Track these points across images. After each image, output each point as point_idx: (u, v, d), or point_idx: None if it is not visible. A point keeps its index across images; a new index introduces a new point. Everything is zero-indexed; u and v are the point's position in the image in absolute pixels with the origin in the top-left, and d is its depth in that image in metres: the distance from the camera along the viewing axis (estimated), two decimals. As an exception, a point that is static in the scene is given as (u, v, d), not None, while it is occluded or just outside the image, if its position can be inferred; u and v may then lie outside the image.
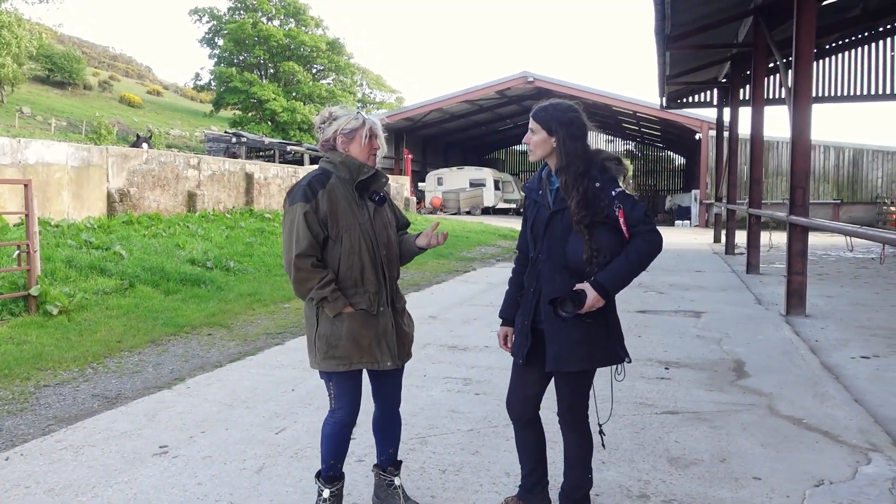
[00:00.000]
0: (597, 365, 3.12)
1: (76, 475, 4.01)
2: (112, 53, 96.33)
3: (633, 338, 7.72)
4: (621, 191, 3.05)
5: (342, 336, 3.30)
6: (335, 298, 3.26)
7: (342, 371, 3.34)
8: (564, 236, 3.07)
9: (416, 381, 5.97)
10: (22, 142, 12.40)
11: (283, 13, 57.53)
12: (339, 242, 3.30)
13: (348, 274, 3.30)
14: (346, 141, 3.37)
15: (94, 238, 11.55)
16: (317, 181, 3.33)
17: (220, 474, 4.03)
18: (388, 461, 3.63)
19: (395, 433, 3.65)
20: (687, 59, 17.00)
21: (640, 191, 52.52)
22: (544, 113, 3.16)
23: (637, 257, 2.99)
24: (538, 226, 3.21)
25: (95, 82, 70.72)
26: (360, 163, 3.34)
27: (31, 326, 7.53)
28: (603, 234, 3.00)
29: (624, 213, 3.00)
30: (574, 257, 3.04)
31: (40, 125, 50.66)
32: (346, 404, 3.39)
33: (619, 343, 3.18)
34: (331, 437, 3.41)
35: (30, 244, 7.92)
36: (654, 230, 3.04)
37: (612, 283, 2.99)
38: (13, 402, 5.38)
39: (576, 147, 3.07)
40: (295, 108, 53.35)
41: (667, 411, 5.22)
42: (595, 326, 3.08)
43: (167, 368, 6.45)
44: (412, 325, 3.61)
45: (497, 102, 38.76)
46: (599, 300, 2.99)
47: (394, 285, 3.45)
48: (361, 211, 3.33)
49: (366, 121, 3.38)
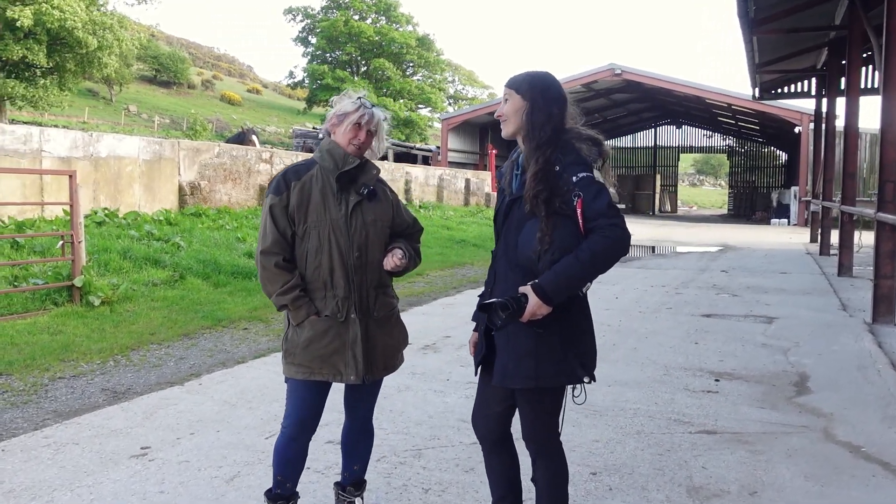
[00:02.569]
0: (543, 383, 2.61)
1: (44, 476, 3.82)
2: (216, 53, 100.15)
3: (689, 344, 7.07)
4: (586, 176, 2.53)
5: (300, 344, 2.98)
6: (297, 307, 2.95)
7: (300, 379, 3.00)
8: (520, 227, 2.61)
9: (436, 386, 5.59)
10: (94, 135, 12.72)
11: (374, 10, 58.11)
12: (306, 239, 2.96)
13: (316, 275, 2.96)
14: (335, 124, 3.04)
15: (157, 230, 11.70)
16: (293, 172, 3.03)
17: (188, 482, 3.77)
18: (349, 480, 3.25)
19: (362, 449, 3.28)
20: (778, 44, 15.82)
21: (736, 188, 50.19)
22: (516, 78, 2.71)
23: (589, 256, 2.46)
24: (499, 215, 2.76)
25: (199, 81, 73.56)
26: (343, 152, 2.98)
27: (71, 316, 7.57)
28: (558, 225, 2.50)
29: (583, 202, 2.48)
30: (523, 250, 2.56)
31: (145, 122, 53.07)
32: (293, 415, 3.04)
33: (580, 358, 2.65)
34: (277, 451, 3.08)
35: (74, 235, 7.98)
36: (617, 225, 2.48)
37: (555, 286, 2.48)
38: (21, 394, 5.32)
39: (548, 110, 2.61)
40: (385, 105, 53.72)
41: (703, 430, 4.63)
42: (546, 337, 2.58)
43: (188, 363, 6.30)
44: (399, 337, 3.21)
45: (584, 96, 37.66)
46: (542, 307, 2.49)
47: (369, 291, 3.03)
48: (338, 206, 2.96)
49: (360, 108, 3.00)
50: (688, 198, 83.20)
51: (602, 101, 39.63)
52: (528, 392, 2.66)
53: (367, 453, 3.30)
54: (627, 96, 39.75)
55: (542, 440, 2.74)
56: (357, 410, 3.22)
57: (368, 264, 3.00)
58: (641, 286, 11.30)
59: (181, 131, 47.84)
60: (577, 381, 2.68)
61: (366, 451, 3.28)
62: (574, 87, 34.93)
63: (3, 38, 27.11)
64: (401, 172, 25.95)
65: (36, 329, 7.05)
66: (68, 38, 28.08)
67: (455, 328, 7.69)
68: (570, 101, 2.73)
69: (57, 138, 12.31)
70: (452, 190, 29.29)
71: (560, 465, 2.80)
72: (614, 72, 32.70)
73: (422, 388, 5.52)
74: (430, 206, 25.55)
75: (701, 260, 16.17)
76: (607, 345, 7.01)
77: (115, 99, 56.25)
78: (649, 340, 7.26)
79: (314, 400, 3.04)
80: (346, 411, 3.23)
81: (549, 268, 2.48)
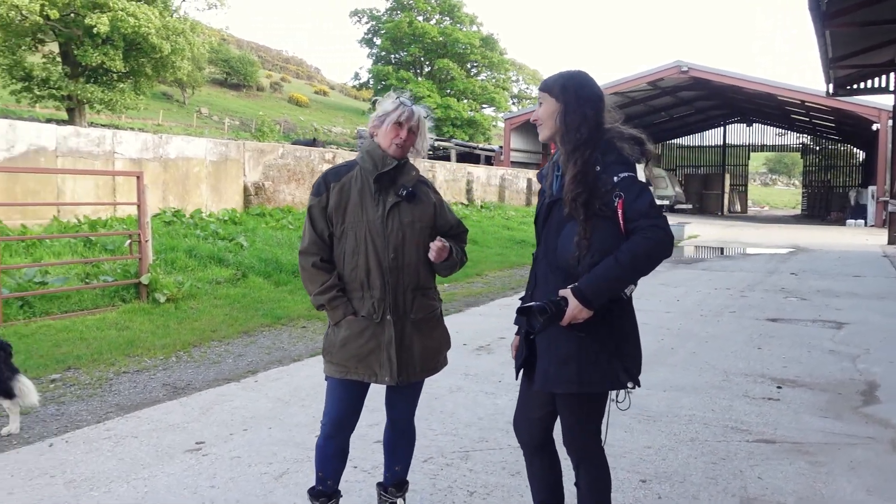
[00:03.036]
0: (586, 389, 2.56)
1: (103, 467, 3.96)
2: (285, 56, 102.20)
3: (751, 349, 6.86)
4: (628, 176, 2.47)
5: (336, 343, 3.01)
6: (334, 307, 2.98)
7: (337, 378, 3.02)
8: (560, 229, 2.56)
9: (488, 387, 5.57)
10: (163, 137, 13.13)
11: (438, 11, 58.27)
12: (343, 240, 2.99)
13: (353, 275, 2.98)
14: (376, 125, 3.05)
15: (222, 229, 12.00)
16: (333, 173, 3.07)
17: (238, 477, 3.84)
18: (391, 480, 3.26)
19: (403, 450, 3.28)
20: (853, 38, 15.21)
21: (810, 188, 48.52)
22: (549, 80, 2.67)
23: (629, 259, 2.40)
24: (539, 217, 2.72)
25: (268, 84, 75.20)
26: (383, 153, 2.99)
27: (137, 313, 7.82)
28: (597, 227, 2.45)
29: (624, 203, 2.43)
30: (563, 253, 2.52)
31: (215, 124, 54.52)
32: (330, 413, 3.08)
33: (624, 363, 2.59)
34: (317, 449, 3.12)
35: (141, 234, 8.24)
36: (659, 226, 2.42)
37: (595, 289, 2.42)
38: (87, 388, 5.52)
39: (583, 110, 2.55)
40: (449, 105, 53.89)
41: (761, 439, 4.48)
42: (589, 342, 2.53)
43: (246, 360, 6.43)
44: (439, 339, 3.16)
45: (650, 94, 37.06)
46: (582, 311, 2.44)
47: (406, 293, 3.01)
48: (376, 207, 2.97)
49: (399, 106, 3.00)
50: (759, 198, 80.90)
51: (668, 99, 38.89)
52: (569, 397, 2.62)
53: (409, 454, 3.29)
54: (695, 94, 38.88)
55: (582, 446, 2.69)
56: (397, 411, 3.22)
57: (405, 266, 2.98)
58: (705, 288, 11.03)
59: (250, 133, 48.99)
60: (620, 387, 2.62)
61: (406, 452, 3.28)
62: (639, 85, 34.42)
63: (83, 45, 28.23)
64: (462, 172, 25.97)
65: (104, 325, 7.31)
66: (143, 43, 29.03)
67: (511, 329, 7.55)
68: (608, 99, 2.67)
69: (128, 140, 12.75)
70: (514, 190, 29.17)
71: (602, 472, 2.74)
72: (681, 69, 32.01)
73: (473, 390, 5.51)
74: (492, 206, 25.49)
75: (770, 262, 15.69)
76: (665, 348, 6.86)
77: (187, 102, 57.98)
78: (710, 344, 7.08)
79: (351, 399, 3.06)
80: (386, 412, 3.24)
81: (589, 271, 2.44)
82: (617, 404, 2.72)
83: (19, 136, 11.63)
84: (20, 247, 9.55)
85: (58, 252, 9.64)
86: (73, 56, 28.95)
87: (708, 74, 32.25)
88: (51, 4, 25.89)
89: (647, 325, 7.85)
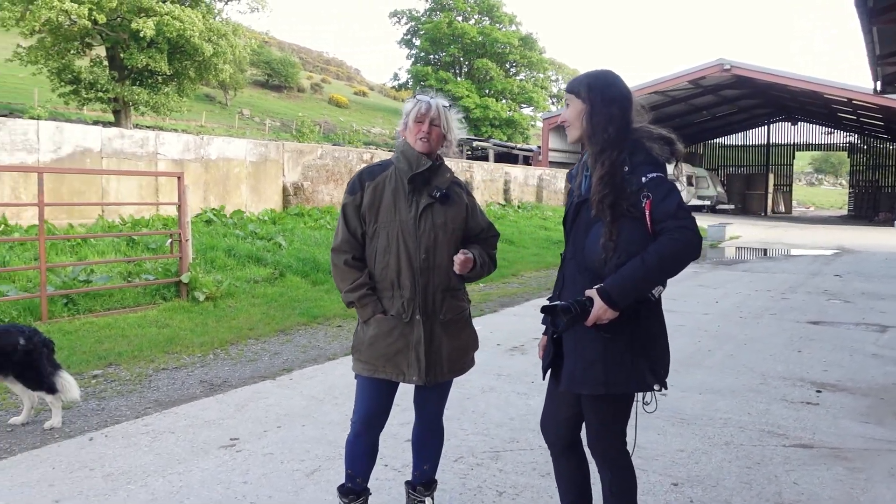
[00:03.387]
0: (613, 390, 2.54)
1: (140, 462, 4.05)
2: (325, 58, 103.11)
3: (791, 352, 6.74)
4: (656, 176, 2.45)
5: (365, 341, 3.04)
6: (363, 304, 3.02)
7: (366, 376, 3.05)
8: (588, 229, 2.55)
9: (520, 388, 5.56)
10: (205, 139, 13.35)
11: (477, 11, 58.26)
12: (375, 239, 3.02)
13: (384, 274, 3.01)
14: (402, 128, 3.09)
15: (260, 229, 12.17)
16: (368, 172, 3.10)
17: (271, 473, 3.90)
18: (419, 479, 3.28)
19: (431, 449, 3.29)
20: (901, 35, 14.80)
21: (857, 188, 47.35)
22: (575, 81, 2.66)
23: (656, 260, 2.37)
24: (568, 217, 2.71)
25: (308, 85, 75.94)
26: (417, 153, 3.00)
27: (177, 311, 7.98)
28: (624, 227, 2.43)
29: (651, 203, 2.40)
30: (591, 253, 2.51)
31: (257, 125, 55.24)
32: (359, 411, 3.11)
33: (651, 365, 2.56)
34: (347, 447, 3.15)
35: (181, 233, 8.40)
36: (686, 227, 2.38)
37: (620, 290, 2.40)
38: (127, 384, 5.64)
39: (609, 110, 2.53)
40: (487, 105, 53.86)
41: (798, 444, 4.39)
42: (615, 343, 2.51)
43: (282, 358, 6.51)
44: (467, 340, 3.16)
45: (691, 93, 36.50)
46: (607, 311, 2.42)
47: (436, 294, 3.01)
48: (409, 208, 2.99)
49: (416, 103, 3.03)
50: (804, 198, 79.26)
51: (710, 97, 38.29)
52: (594, 399, 2.60)
53: (437, 454, 3.31)
54: (737, 92, 38.22)
55: (606, 448, 2.68)
56: (425, 411, 3.24)
57: (436, 267, 2.99)
58: (745, 290, 10.85)
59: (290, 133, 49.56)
60: (646, 389, 2.59)
61: (435, 452, 3.29)
62: (680, 83, 33.95)
63: (129, 48, 28.85)
64: (500, 172, 25.93)
65: (145, 322, 7.47)
66: (186, 46, 29.58)
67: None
68: (637, 98, 2.65)
69: (171, 141, 13.00)
70: (552, 190, 29.02)
71: (627, 473, 2.72)
72: (723, 67, 31.47)
73: (506, 390, 5.50)
74: (529, 206, 25.41)
75: (813, 263, 15.37)
76: (702, 350, 6.77)
77: (229, 103, 58.83)
78: (748, 347, 6.96)
79: (380, 398, 3.08)
80: (415, 411, 3.25)
81: (615, 271, 2.42)
82: (644, 406, 2.70)
83: (66, 137, 11.94)
84: (66, 246, 9.81)
85: (102, 251, 9.87)
86: (119, 59, 29.59)
87: (751, 72, 31.66)
88: (98, 9, 26.50)
89: (683, 327, 7.76)
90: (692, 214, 2.45)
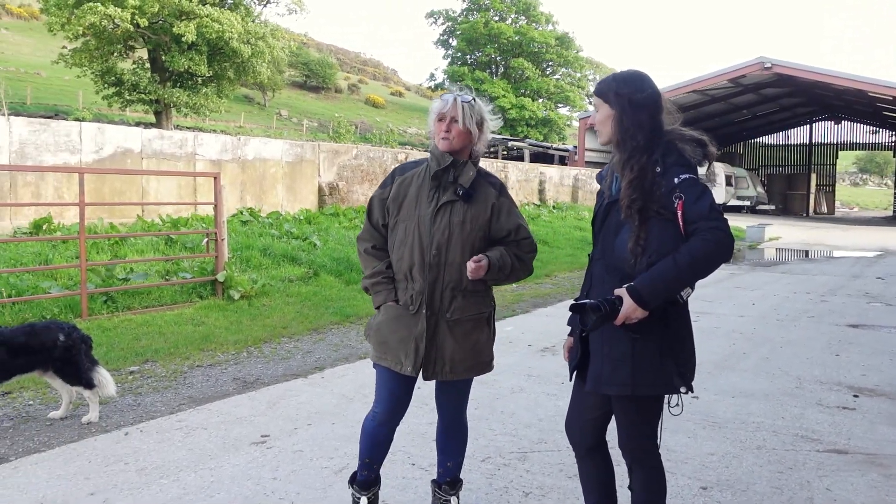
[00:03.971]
0: (640, 392, 2.53)
1: (173, 457, 4.13)
2: (362, 58, 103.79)
3: (828, 356, 6.61)
4: (689, 178, 2.44)
5: (373, 326, 3.15)
6: (376, 291, 3.11)
7: (374, 362, 3.18)
8: (618, 230, 2.55)
9: (550, 389, 5.54)
10: (242, 139, 13.55)
11: (513, 11, 58.14)
12: (395, 231, 3.09)
13: (399, 265, 3.07)
14: (431, 130, 3.12)
15: (296, 229, 12.30)
16: (401, 168, 3.20)
17: (300, 470, 3.95)
18: (444, 477, 3.29)
19: (454, 446, 3.30)
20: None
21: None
22: (603, 83, 2.64)
23: (688, 260, 2.36)
24: (597, 218, 2.71)
25: (345, 85, 76.52)
26: (440, 152, 3.03)
27: (213, 309, 8.11)
28: (655, 228, 2.43)
29: (684, 204, 2.39)
30: (620, 254, 2.50)
31: (294, 126, 55.85)
32: (381, 399, 3.17)
33: (678, 367, 2.55)
34: (367, 434, 3.21)
35: (217, 233, 8.53)
36: (719, 228, 2.36)
37: (651, 290, 2.39)
38: (163, 380, 5.75)
39: (638, 117, 2.52)
40: (523, 105, 53.74)
41: (833, 450, 4.31)
42: (643, 344, 2.50)
43: (314, 357, 6.58)
44: (475, 342, 3.07)
45: (731, 92, 35.96)
46: (636, 310, 2.41)
47: (444, 292, 3.00)
48: (428, 203, 3.02)
49: (437, 101, 3.07)
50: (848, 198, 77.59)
51: (750, 96, 37.69)
52: (623, 400, 2.60)
53: (461, 451, 3.31)
54: (779, 91, 37.56)
55: (637, 448, 2.67)
56: (443, 409, 3.26)
57: (447, 265, 2.99)
58: (783, 292, 10.66)
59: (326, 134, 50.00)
60: (673, 391, 2.58)
61: (458, 449, 3.30)
62: (719, 82, 33.48)
63: (170, 51, 29.40)
64: (535, 172, 25.84)
65: (182, 320, 7.60)
66: (225, 48, 30.03)
67: (577, 331, 7.56)
68: (667, 101, 2.63)
69: (209, 142, 13.21)
70: (588, 190, 28.81)
71: (658, 475, 2.70)
72: (764, 65, 30.94)
73: (535, 391, 5.49)
74: (564, 206, 25.28)
75: (855, 265, 15.04)
76: (736, 353, 6.68)
77: (268, 104, 59.55)
78: (784, 350, 6.84)
79: (398, 389, 3.12)
80: (437, 408, 3.28)
81: (646, 270, 2.42)
82: (669, 409, 2.68)
83: (107, 138, 12.21)
84: (106, 244, 10.02)
85: (141, 250, 10.07)
86: (160, 62, 30.15)
87: (793, 70, 31.09)
88: (141, 13, 27.04)
89: (718, 329, 7.67)
90: (724, 216, 2.44)
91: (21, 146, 11.14)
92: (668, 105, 2.65)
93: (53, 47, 38.61)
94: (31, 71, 47.12)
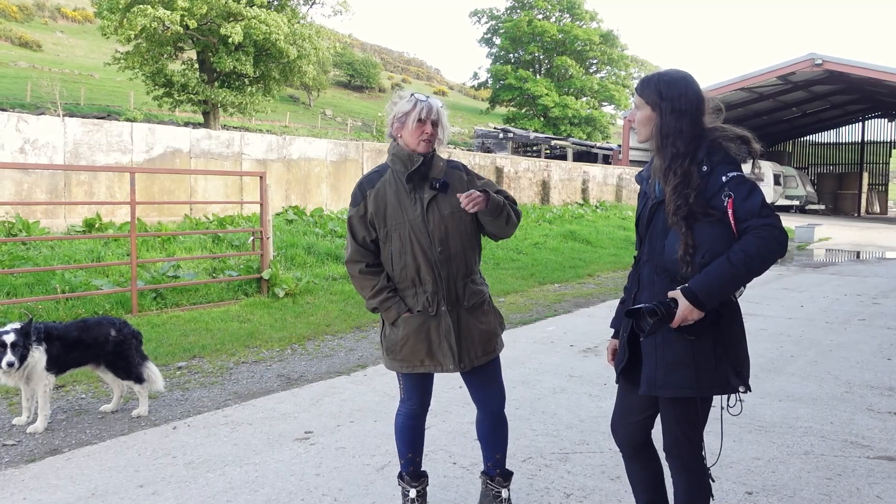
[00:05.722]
0: (698, 393, 2.51)
1: (219, 451, 4.21)
2: (406, 58, 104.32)
3: (879, 360, 6.45)
4: (736, 175, 2.41)
5: (398, 342, 3.14)
6: (386, 308, 3.12)
7: (406, 372, 3.19)
8: (666, 231, 2.53)
9: (592, 389, 5.51)
10: (287, 139, 13.72)
11: (557, 9, 57.76)
12: (388, 242, 3.09)
13: (403, 274, 3.09)
14: (399, 127, 3.09)
15: (340, 227, 12.42)
16: (367, 181, 3.16)
17: (342, 467, 4.00)
18: (494, 468, 3.31)
19: (499, 438, 3.32)
20: None
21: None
22: (646, 84, 2.62)
23: (743, 259, 2.33)
24: (642, 219, 2.69)
25: (389, 85, 76.97)
26: (408, 152, 3.05)
27: (258, 306, 8.24)
28: (705, 229, 2.40)
29: (734, 202, 2.37)
30: (670, 255, 2.48)
31: (339, 125, 56.37)
32: (415, 396, 3.25)
33: (734, 368, 2.52)
34: (405, 430, 3.28)
35: (263, 231, 8.67)
36: (772, 225, 2.35)
37: (707, 290, 2.36)
38: (210, 376, 5.87)
39: (679, 123, 2.50)
40: (566, 104, 53.36)
41: (883, 456, 4.21)
42: (700, 345, 2.48)
43: (357, 354, 6.65)
44: (493, 322, 3.21)
45: (780, 89, 35.20)
46: (693, 312, 2.39)
47: (457, 282, 3.09)
48: (413, 206, 3.04)
49: (417, 103, 3.04)
50: (903, 198, 75.23)
51: (801, 93, 36.84)
52: (674, 402, 2.57)
53: (504, 442, 3.34)
54: (830, 88, 36.63)
55: (682, 452, 2.64)
56: (482, 400, 3.28)
57: (453, 256, 3.06)
58: (833, 294, 10.42)
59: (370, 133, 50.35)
60: (731, 391, 2.55)
61: (503, 440, 3.33)
62: (768, 79, 32.83)
63: (218, 52, 29.92)
64: (578, 172, 25.65)
65: (228, 317, 7.75)
66: (272, 49, 30.45)
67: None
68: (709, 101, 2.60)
69: (255, 142, 13.42)
70: (632, 189, 28.51)
71: (701, 480, 2.67)
72: (814, 62, 30.22)
73: (577, 391, 5.46)
74: (608, 205, 25.06)
75: (909, 267, 14.61)
76: (784, 356, 6.55)
77: (312, 104, 60.21)
78: (833, 354, 6.69)
79: (426, 383, 3.25)
80: (475, 403, 3.31)
81: (700, 272, 2.40)
82: (728, 410, 2.66)
83: (157, 138, 12.49)
84: (156, 242, 10.26)
85: (189, 247, 10.29)
86: (209, 63, 30.69)
87: (845, 67, 30.31)
88: (190, 15, 27.57)
89: (765, 332, 7.53)
90: (775, 212, 2.41)
91: (75, 146, 11.46)
92: (712, 104, 2.62)
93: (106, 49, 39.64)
94: (85, 72, 48.43)
